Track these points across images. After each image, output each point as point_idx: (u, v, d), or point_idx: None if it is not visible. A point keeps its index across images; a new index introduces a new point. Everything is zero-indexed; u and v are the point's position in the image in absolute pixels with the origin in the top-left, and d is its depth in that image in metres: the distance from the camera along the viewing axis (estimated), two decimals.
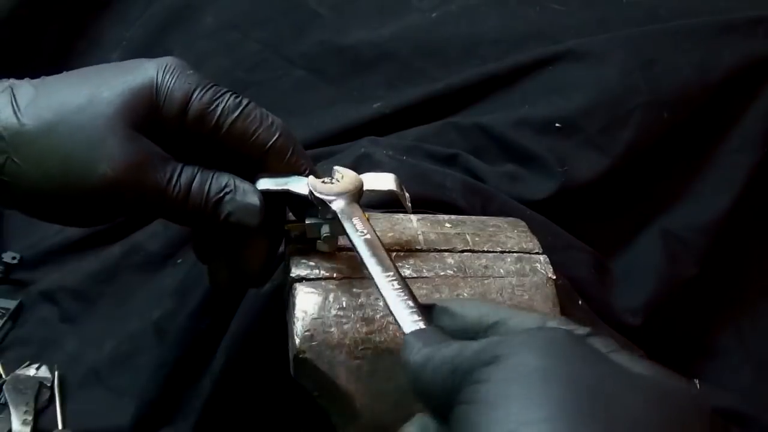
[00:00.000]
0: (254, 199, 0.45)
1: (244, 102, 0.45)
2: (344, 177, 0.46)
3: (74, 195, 0.42)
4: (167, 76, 0.44)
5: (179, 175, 0.44)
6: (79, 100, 0.43)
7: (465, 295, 0.46)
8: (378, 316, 0.45)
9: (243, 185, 0.45)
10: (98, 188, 0.42)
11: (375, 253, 0.41)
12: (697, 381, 0.67)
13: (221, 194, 0.44)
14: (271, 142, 0.45)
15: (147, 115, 0.44)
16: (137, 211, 0.45)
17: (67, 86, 0.44)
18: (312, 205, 0.46)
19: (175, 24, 0.83)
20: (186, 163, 0.45)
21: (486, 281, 0.47)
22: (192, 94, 0.44)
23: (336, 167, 0.47)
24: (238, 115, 0.45)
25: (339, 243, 0.47)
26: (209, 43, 0.80)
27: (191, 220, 0.45)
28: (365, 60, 0.76)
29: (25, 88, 0.43)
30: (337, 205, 0.44)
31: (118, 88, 0.43)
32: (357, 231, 0.42)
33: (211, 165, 0.45)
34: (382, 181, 0.48)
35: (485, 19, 0.76)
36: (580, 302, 0.59)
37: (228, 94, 0.45)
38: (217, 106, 0.44)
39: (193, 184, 0.44)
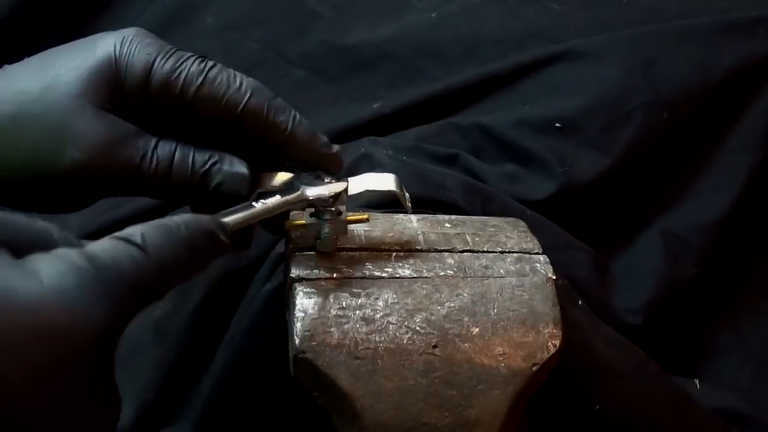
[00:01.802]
0: (242, 168, 0.45)
1: (209, 65, 0.44)
2: (336, 183, 0.46)
3: (46, 183, 0.42)
4: (125, 47, 0.43)
5: (154, 149, 0.43)
6: (38, 86, 0.42)
7: (465, 295, 0.46)
8: (378, 316, 0.45)
9: (228, 155, 0.45)
10: (69, 173, 0.41)
11: (248, 213, 0.42)
12: (697, 381, 0.67)
13: (207, 165, 0.44)
14: (243, 104, 0.44)
15: (111, 91, 0.43)
16: (115, 190, 0.44)
17: (26, 73, 0.43)
18: (312, 205, 0.46)
19: (175, 24, 0.83)
20: (162, 138, 0.44)
21: (486, 281, 0.47)
22: (153, 63, 0.43)
23: (350, 179, 0.47)
24: (202, 81, 0.43)
25: (339, 243, 0.47)
26: (209, 43, 0.80)
27: (175, 194, 0.44)
28: (365, 60, 0.76)
29: None
30: (301, 189, 0.44)
31: (77, 69, 0.42)
32: (268, 202, 0.43)
33: (191, 140, 0.45)
34: (382, 181, 0.48)
35: (485, 19, 0.76)
36: (580, 302, 0.59)
37: (191, 59, 0.44)
38: (180, 73, 0.43)
39: (175, 158, 0.43)
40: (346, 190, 0.46)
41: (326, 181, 0.46)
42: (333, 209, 0.46)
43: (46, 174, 0.41)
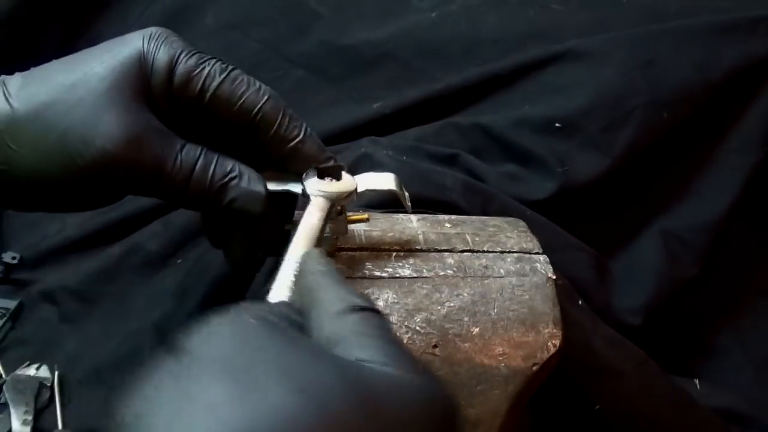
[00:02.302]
0: (259, 187, 0.45)
1: (230, 67, 0.45)
2: (342, 180, 0.46)
3: (72, 175, 0.42)
4: (152, 43, 0.44)
5: (180, 153, 0.43)
6: (71, 79, 0.42)
7: (465, 295, 0.46)
8: None
9: (248, 171, 0.45)
10: (97, 165, 0.41)
11: (305, 236, 0.42)
12: (697, 381, 0.67)
13: (226, 179, 0.44)
14: (259, 106, 0.44)
15: (140, 86, 0.43)
16: (136, 189, 0.44)
17: (57, 69, 0.43)
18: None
19: (175, 24, 0.83)
20: (188, 142, 0.44)
21: (486, 281, 0.47)
22: (177, 58, 0.43)
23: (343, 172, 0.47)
24: (224, 79, 0.44)
25: (339, 243, 0.47)
26: (209, 43, 0.80)
27: (191, 202, 0.44)
28: (365, 60, 0.76)
29: (14, 78, 0.43)
30: (315, 198, 0.44)
31: (108, 63, 0.43)
32: (308, 221, 0.43)
33: (212, 146, 0.45)
34: (382, 181, 0.48)
35: (485, 19, 0.76)
36: (580, 302, 0.59)
37: (213, 60, 0.44)
38: (203, 69, 0.44)
39: (197, 166, 0.43)
40: (356, 188, 0.46)
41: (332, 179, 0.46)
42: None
43: (72, 165, 0.41)
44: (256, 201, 0.44)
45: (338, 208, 0.46)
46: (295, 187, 0.46)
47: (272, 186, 0.46)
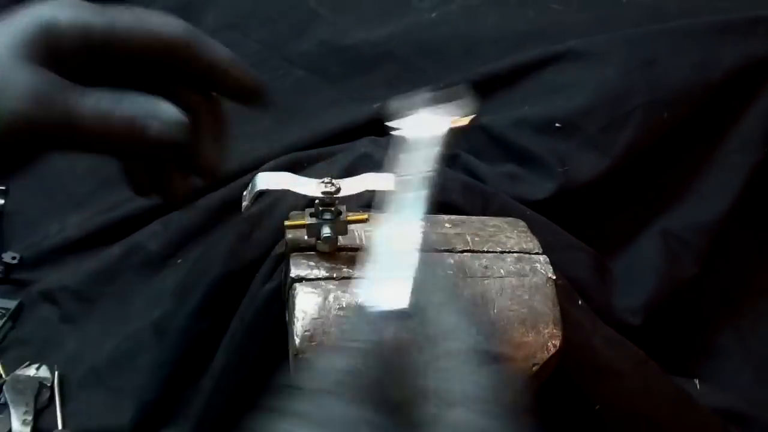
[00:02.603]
0: (175, 112, 0.43)
1: (137, 9, 0.44)
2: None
3: None
4: (62, 8, 0.43)
5: (88, 99, 0.42)
6: None
7: (465, 295, 0.46)
8: None
9: (159, 101, 0.44)
10: (10, 127, 0.41)
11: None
12: (696, 381, 0.67)
13: (140, 112, 0.43)
14: (175, 37, 0.44)
15: (47, 49, 0.42)
16: (54, 145, 0.43)
17: None
18: (312, 205, 0.47)
19: None
20: (100, 89, 0.43)
21: (486, 281, 0.47)
22: (85, 17, 0.43)
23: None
24: (135, 21, 0.43)
25: (339, 243, 0.47)
26: None
27: (111, 145, 0.44)
28: (365, 60, 0.76)
29: None
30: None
31: (10, 29, 0.42)
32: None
33: (127, 88, 0.44)
34: (382, 181, 0.48)
35: (485, 19, 0.76)
36: (580, 302, 0.59)
37: (123, 8, 0.44)
38: (113, 22, 0.43)
39: (107, 107, 0.42)
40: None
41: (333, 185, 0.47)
42: (333, 209, 0.46)
43: None
44: (178, 128, 0.43)
45: (337, 209, 0.46)
46: (296, 188, 0.46)
47: (272, 186, 0.46)
